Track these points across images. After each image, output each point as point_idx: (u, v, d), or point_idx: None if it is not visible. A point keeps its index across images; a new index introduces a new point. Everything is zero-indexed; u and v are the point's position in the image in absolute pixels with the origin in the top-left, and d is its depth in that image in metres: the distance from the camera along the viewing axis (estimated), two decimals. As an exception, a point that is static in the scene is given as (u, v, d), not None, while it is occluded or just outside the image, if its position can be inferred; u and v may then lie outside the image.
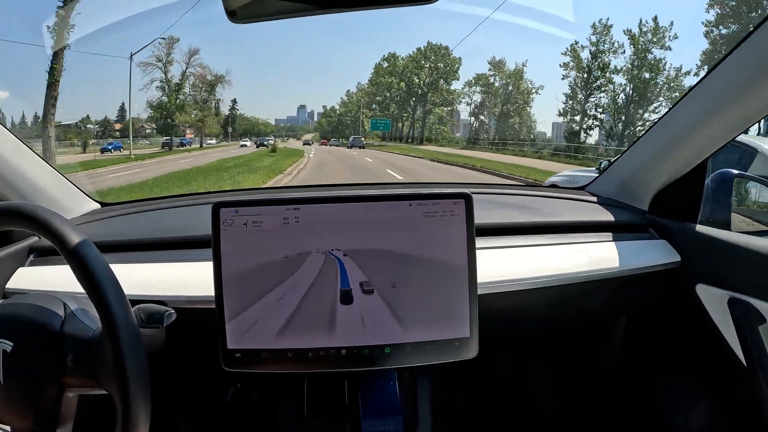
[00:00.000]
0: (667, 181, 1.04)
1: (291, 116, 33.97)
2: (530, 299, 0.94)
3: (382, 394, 0.84)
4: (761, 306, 0.85)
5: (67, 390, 0.66)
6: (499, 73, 25.03)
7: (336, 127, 31.40)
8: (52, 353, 0.65)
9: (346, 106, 31.59)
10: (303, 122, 33.62)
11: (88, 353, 0.65)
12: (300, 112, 34.36)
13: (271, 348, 0.74)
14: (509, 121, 24.06)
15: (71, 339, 0.66)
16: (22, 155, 0.99)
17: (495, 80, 25.34)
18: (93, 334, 0.66)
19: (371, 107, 29.63)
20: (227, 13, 0.68)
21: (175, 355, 0.85)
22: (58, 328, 0.66)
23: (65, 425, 0.67)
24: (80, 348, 0.65)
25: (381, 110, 28.85)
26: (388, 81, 28.18)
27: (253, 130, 29.51)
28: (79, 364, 0.65)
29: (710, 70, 0.88)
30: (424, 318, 0.75)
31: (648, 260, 0.99)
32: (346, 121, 31.06)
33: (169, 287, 0.86)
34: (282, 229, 0.74)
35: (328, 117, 32.42)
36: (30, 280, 0.92)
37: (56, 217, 0.64)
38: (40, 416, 0.65)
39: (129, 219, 1.13)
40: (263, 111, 38.99)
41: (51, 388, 0.65)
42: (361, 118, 29.63)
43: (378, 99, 29.29)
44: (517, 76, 24.33)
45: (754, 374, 0.86)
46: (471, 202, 0.75)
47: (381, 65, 28.52)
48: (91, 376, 0.65)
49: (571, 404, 1.34)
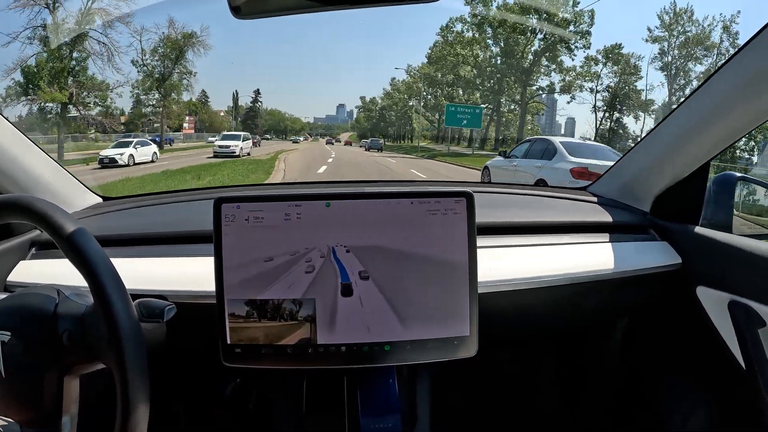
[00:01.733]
0: (669, 183, 1.04)
1: (330, 115, 33.59)
2: (530, 299, 0.94)
3: (381, 392, 0.85)
4: (761, 309, 0.85)
5: (68, 372, 0.67)
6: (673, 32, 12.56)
7: (377, 123, 26.09)
8: (47, 334, 0.65)
9: (391, 97, 25.20)
10: (342, 121, 32.90)
11: (82, 328, 0.65)
12: (339, 111, 33.94)
13: (270, 344, 0.74)
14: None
15: (64, 317, 0.66)
16: (24, 148, 0.99)
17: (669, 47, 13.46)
18: (85, 310, 0.66)
19: (428, 96, 21.77)
20: (231, 9, 0.68)
21: (175, 350, 0.85)
22: (51, 311, 0.67)
23: (70, 411, 0.67)
24: (74, 324, 0.65)
25: (446, 99, 20.98)
26: (461, 54, 18.54)
27: (278, 126, 26.45)
28: (74, 340, 0.65)
29: (714, 72, 0.88)
30: (424, 315, 0.75)
31: (649, 262, 0.99)
32: (389, 117, 25.23)
33: (170, 282, 0.87)
34: (283, 225, 0.74)
35: (368, 111, 27.15)
36: (31, 274, 0.92)
37: (53, 208, 0.64)
38: (44, 405, 0.65)
39: (131, 213, 1.14)
40: (302, 109, 39.00)
41: (51, 374, 0.65)
42: (410, 113, 23.18)
43: (442, 82, 20.96)
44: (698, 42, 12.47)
45: (753, 377, 0.86)
46: (472, 201, 0.75)
47: (448, 30, 18.96)
48: (88, 351, 0.65)
49: (570, 404, 1.35)
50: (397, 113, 24.76)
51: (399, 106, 24.22)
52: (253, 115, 23.91)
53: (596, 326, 1.22)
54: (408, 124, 23.23)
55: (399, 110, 24.46)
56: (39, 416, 0.65)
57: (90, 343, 0.64)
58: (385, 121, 25.19)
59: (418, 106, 22.21)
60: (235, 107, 24.10)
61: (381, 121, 25.78)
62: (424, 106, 22.80)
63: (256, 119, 24.12)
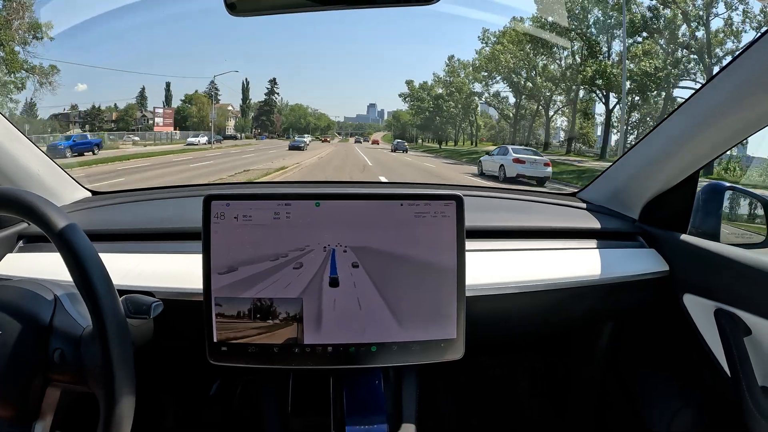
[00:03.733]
0: (658, 191, 1.05)
1: (361, 114, 33.00)
2: (518, 303, 0.94)
3: (367, 393, 0.84)
4: (747, 318, 0.86)
5: (51, 384, 0.66)
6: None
7: (430, 118, 19.19)
8: (39, 346, 0.64)
9: (450, 83, 18.00)
10: (373, 120, 32.27)
11: (76, 352, 0.64)
12: (370, 111, 33.38)
13: (257, 342, 0.74)
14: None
15: (59, 334, 0.65)
16: (14, 141, 0.98)
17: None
18: (83, 333, 0.66)
19: (521, 74, 16.51)
20: (226, 6, 0.68)
21: (162, 347, 0.85)
22: (47, 321, 0.66)
23: (45, 419, 0.67)
24: (68, 345, 0.65)
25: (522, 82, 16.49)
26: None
27: (298, 123, 22.01)
28: (65, 361, 0.64)
29: (707, 81, 0.89)
30: (411, 318, 0.75)
31: (636, 269, 0.99)
32: (447, 108, 18.36)
33: (158, 278, 0.86)
34: (272, 223, 0.74)
35: (417, 99, 19.70)
36: (18, 267, 0.92)
37: (44, 202, 0.64)
38: (21, 406, 0.65)
39: (120, 208, 1.13)
40: (332, 108, 38.69)
41: (35, 381, 0.65)
42: (474, 104, 17.44)
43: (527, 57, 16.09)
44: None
45: (737, 384, 0.86)
46: (462, 204, 0.76)
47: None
48: (77, 376, 0.64)
49: (556, 408, 1.35)
50: (459, 101, 18.68)
51: (463, 92, 18.02)
52: (268, 110, 20.00)
53: (582, 332, 1.23)
54: (473, 117, 17.73)
55: (462, 98, 18.58)
56: (15, 415, 0.65)
57: (80, 369, 0.64)
58: (442, 113, 19.16)
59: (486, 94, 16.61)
60: (245, 99, 20.61)
61: (436, 113, 19.50)
62: (494, 95, 17.44)
63: (271, 114, 20.11)
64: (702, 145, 0.93)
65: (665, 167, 1.01)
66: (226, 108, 21.61)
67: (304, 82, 36.86)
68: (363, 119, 32.24)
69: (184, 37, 24.39)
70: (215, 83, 20.76)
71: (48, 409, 0.67)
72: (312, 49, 35.54)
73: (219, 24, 19.71)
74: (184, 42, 24.96)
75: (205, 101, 20.21)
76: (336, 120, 27.86)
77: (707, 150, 0.93)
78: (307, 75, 37.44)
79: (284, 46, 35.06)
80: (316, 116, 23.17)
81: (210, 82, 21.03)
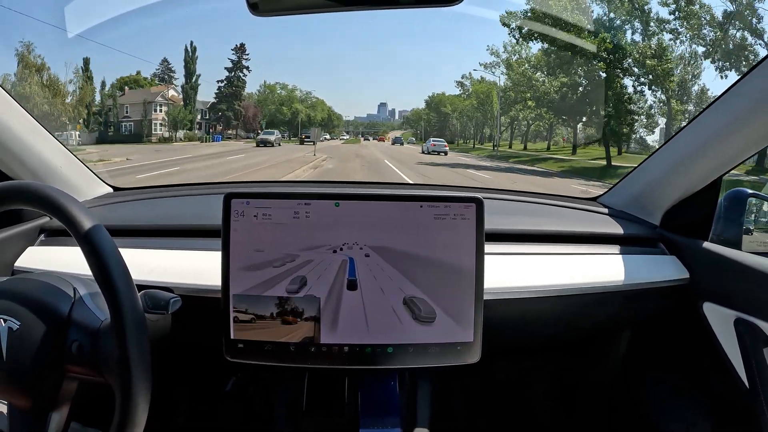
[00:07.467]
0: (680, 197, 1.03)
1: (371, 114, 33.04)
2: (536, 307, 0.93)
3: (382, 394, 0.85)
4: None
5: (68, 376, 0.67)
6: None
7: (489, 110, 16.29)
8: (57, 338, 0.65)
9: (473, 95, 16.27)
10: (384, 119, 32.20)
11: (93, 344, 0.65)
12: (380, 110, 33.54)
13: (273, 341, 0.75)
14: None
15: (77, 326, 0.66)
16: (39, 136, 1.00)
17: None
18: (100, 326, 0.67)
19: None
20: (249, 6, 0.68)
21: (179, 342, 0.86)
22: (66, 313, 0.67)
23: (61, 409, 0.68)
24: (85, 338, 0.66)
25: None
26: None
27: (278, 115, 15.48)
28: (82, 353, 0.65)
29: (730, 87, 0.87)
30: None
31: (657, 275, 0.98)
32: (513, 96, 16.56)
33: (177, 274, 0.87)
34: (292, 223, 0.74)
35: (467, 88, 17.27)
36: (39, 260, 0.93)
37: (70, 199, 0.65)
38: (38, 397, 0.66)
39: (140, 204, 1.14)
40: (344, 107, 38.77)
41: (52, 373, 0.66)
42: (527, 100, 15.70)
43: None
44: None
45: (755, 395, 0.85)
46: (482, 207, 0.75)
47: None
48: (94, 367, 0.65)
49: (570, 415, 1.34)
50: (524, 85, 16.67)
51: (526, 80, 16.48)
52: (231, 94, 12.46)
53: (600, 338, 1.21)
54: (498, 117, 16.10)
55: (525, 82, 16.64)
56: (32, 406, 0.66)
57: (98, 360, 0.65)
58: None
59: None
60: (189, 75, 13.57)
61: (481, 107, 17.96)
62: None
63: (236, 101, 12.60)
64: (725, 152, 0.91)
65: (687, 173, 0.99)
66: (155, 92, 15.54)
67: (315, 80, 36.90)
68: (374, 118, 32.26)
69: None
70: (168, 62, 15.11)
71: (64, 400, 0.68)
72: (324, 48, 35.70)
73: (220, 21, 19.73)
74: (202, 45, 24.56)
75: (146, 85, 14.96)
76: (346, 119, 27.06)
77: (730, 156, 0.92)
78: (318, 73, 37.51)
79: (293, 43, 35.19)
80: (309, 104, 15.43)
81: (162, 60, 15.58)
